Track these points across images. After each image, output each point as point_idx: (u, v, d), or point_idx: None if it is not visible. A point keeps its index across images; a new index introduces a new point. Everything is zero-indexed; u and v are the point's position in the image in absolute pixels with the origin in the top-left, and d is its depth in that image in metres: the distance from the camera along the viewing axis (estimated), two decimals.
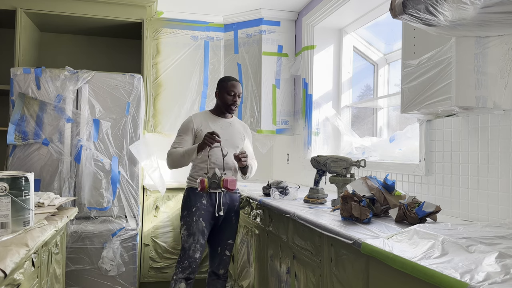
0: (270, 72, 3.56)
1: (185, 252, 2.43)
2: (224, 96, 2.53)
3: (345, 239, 1.43)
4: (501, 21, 1.24)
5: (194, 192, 2.47)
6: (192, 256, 2.42)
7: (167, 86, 3.63)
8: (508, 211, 1.56)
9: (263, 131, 3.53)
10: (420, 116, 1.95)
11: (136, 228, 3.03)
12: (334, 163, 2.19)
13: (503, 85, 1.49)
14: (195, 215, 2.45)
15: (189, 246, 2.42)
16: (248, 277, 2.80)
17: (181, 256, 2.45)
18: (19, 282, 1.40)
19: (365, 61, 3.18)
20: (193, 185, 2.50)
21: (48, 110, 2.89)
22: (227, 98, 2.52)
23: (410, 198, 1.68)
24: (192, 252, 2.42)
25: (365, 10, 2.93)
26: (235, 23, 3.72)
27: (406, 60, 1.76)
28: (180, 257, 2.46)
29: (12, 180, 1.47)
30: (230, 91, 2.52)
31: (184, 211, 2.50)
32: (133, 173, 3.04)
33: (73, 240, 2.89)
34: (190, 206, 2.47)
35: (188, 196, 2.50)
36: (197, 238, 2.43)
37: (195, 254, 2.43)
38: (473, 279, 0.91)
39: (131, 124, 3.05)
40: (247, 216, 2.86)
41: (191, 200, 2.47)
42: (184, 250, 2.44)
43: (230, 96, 2.52)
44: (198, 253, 2.44)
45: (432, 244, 1.19)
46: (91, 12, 3.22)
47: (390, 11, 1.33)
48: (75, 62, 3.57)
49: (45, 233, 1.62)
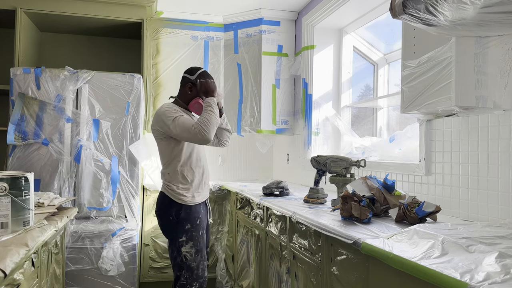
0: (270, 72, 3.56)
1: (192, 272, 2.13)
2: (201, 95, 2.27)
3: (345, 239, 1.44)
4: (501, 21, 1.24)
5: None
6: (202, 276, 2.16)
7: (167, 86, 3.63)
8: (508, 211, 1.56)
9: (263, 131, 3.53)
10: (420, 116, 1.95)
11: (136, 228, 3.02)
12: (334, 163, 2.19)
13: (503, 85, 1.48)
14: (200, 228, 2.21)
15: (197, 265, 2.15)
16: (248, 277, 2.80)
17: (188, 278, 2.13)
18: (19, 282, 1.39)
19: (365, 61, 3.18)
20: (188, 197, 2.22)
21: (48, 110, 2.89)
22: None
23: (410, 198, 1.68)
24: (202, 271, 2.17)
25: (365, 10, 2.93)
26: (235, 23, 3.72)
27: (406, 60, 1.76)
28: (186, 279, 2.14)
29: (12, 180, 1.47)
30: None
31: (184, 224, 2.18)
32: (133, 173, 3.04)
33: (73, 240, 2.89)
34: (193, 218, 2.19)
35: (187, 206, 2.22)
36: (204, 255, 2.20)
37: (204, 273, 2.18)
38: (473, 279, 0.91)
39: (131, 124, 3.05)
40: (247, 216, 2.86)
41: (192, 211, 2.21)
42: (191, 270, 2.14)
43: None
44: (206, 271, 2.20)
45: (432, 244, 1.19)
46: (91, 12, 3.22)
47: (390, 11, 1.33)
48: (75, 62, 3.57)
49: (45, 233, 1.62)
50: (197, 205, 2.26)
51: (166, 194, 2.23)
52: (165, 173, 2.27)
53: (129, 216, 3.00)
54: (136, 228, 3.03)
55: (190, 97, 2.30)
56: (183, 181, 2.23)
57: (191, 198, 2.23)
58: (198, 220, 2.22)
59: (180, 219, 2.18)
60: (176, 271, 2.21)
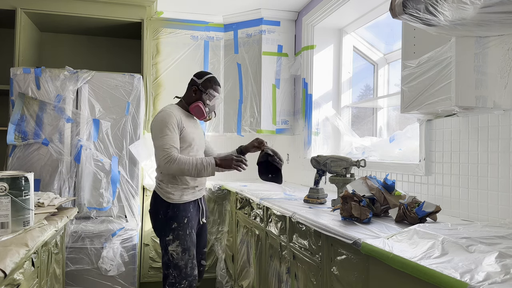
0: (270, 72, 3.56)
1: (180, 271, 2.16)
2: (204, 100, 2.32)
3: (345, 239, 1.44)
4: (501, 21, 1.24)
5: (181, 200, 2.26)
6: (191, 275, 2.18)
7: (167, 86, 3.63)
8: (508, 211, 1.56)
9: (263, 131, 3.53)
10: (420, 116, 1.95)
11: (136, 228, 3.02)
12: (334, 163, 2.19)
13: (503, 85, 1.49)
14: (188, 227, 2.21)
15: (186, 264, 2.17)
16: (248, 277, 2.80)
17: (176, 276, 2.16)
18: (19, 282, 1.39)
19: (365, 61, 3.18)
20: (177, 195, 2.23)
21: (48, 110, 2.89)
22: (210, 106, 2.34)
23: (410, 198, 1.68)
24: (190, 269, 2.19)
25: (365, 10, 2.93)
26: (235, 23, 3.72)
27: (406, 60, 1.76)
28: (175, 278, 2.17)
29: (12, 180, 1.47)
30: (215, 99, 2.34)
31: (171, 223, 2.20)
32: (133, 173, 3.04)
33: (73, 240, 2.89)
34: (181, 217, 2.21)
35: (174, 205, 2.22)
36: (192, 253, 2.20)
37: (194, 272, 2.20)
38: (473, 279, 0.91)
39: (131, 124, 3.05)
40: (247, 216, 2.86)
41: (180, 209, 2.22)
42: (179, 269, 2.16)
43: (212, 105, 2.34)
44: (195, 269, 2.22)
45: (432, 244, 1.19)
46: (91, 12, 3.22)
47: (390, 11, 1.33)
48: (75, 62, 3.57)
49: (45, 233, 1.62)
50: (186, 203, 2.27)
51: (157, 193, 2.28)
52: (157, 171, 2.31)
53: (129, 216, 3.00)
54: (136, 228, 3.03)
55: (194, 99, 2.34)
56: (173, 180, 2.25)
57: (179, 197, 2.25)
58: (185, 219, 2.23)
59: (167, 217, 2.21)
60: (164, 269, 2.24)
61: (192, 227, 2.27)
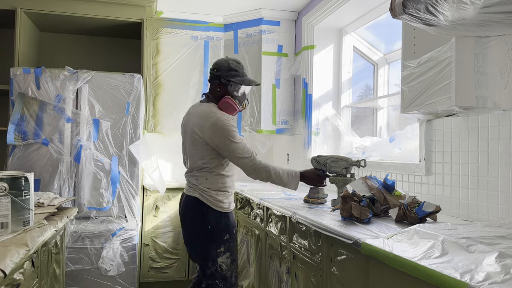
0: (270, 72, 3.56)
1: (226, 281, 2.08)
2: (231, 92, 2.11)
3: (345, 239, 1.43)
4: (501, 21, 1.24)
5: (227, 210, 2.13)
6: (235, 284, 2.14)
7: (167, 86, 3.63)
8: (508, 211, 1.56)
9: (263, 131, 3.53)
10: (420, 116, 1.95)
11: (136, 228, 3.02)
12: (334, 163, 2.19)
13: (503, 85, 1.48)
14: (236, 237, 2.16)
15: (231, 274, 2.10)
16: (248, 277, 2.80)
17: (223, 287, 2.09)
18: (18, 282, 1.39)
19: (365, 61, 3.18)
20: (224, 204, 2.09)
21: (48, 110, 2.89)
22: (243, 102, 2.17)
23: (410, 198, 1.68)
24: (234, 279, 2.13)
25: (365, 10, 2.93)
26: (235, 23, 3.72)
27: (406, 60, 1.76)
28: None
29: (12, 180, 1.47)
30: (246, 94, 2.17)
31: (224, 234, 2.08)
32: (133, 173, 3.04)
33: (73, 240, 2.89)
34: (231, 227, 2.11)
35: (225, 214, 2.10)
36: (238, 263, 2.19)
37: (236, 280, 2.16)
38: (473, 279, 0.91)
39: (131, 124, 3.05)
40: (247, 216, 2.86)
41: (229, 219, 2.11)
42: (225, 279, 2.08)
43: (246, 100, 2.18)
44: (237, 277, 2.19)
45: (432, 244, 1.19)
46: (91, 12, 3.22)
47: (390, 11, 1.33)
48: (75, 62, 3.57)
49: (45, 233, 1.62)
50: (231, 212, 2.16)
51: (202, 201, 2.06)
52: (200, 177, 2.08)
53: (129, 216, 3.00)
54: (136, 228, 3.03)
55: (220, 95, 2.12)
56: (222, 188, 2.10)
57: (228, 205, 2.12)
58: (234, 230, 2.14)
59: (220, 228, 2.07)
60: (207, 279, 2.08)
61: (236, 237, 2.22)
